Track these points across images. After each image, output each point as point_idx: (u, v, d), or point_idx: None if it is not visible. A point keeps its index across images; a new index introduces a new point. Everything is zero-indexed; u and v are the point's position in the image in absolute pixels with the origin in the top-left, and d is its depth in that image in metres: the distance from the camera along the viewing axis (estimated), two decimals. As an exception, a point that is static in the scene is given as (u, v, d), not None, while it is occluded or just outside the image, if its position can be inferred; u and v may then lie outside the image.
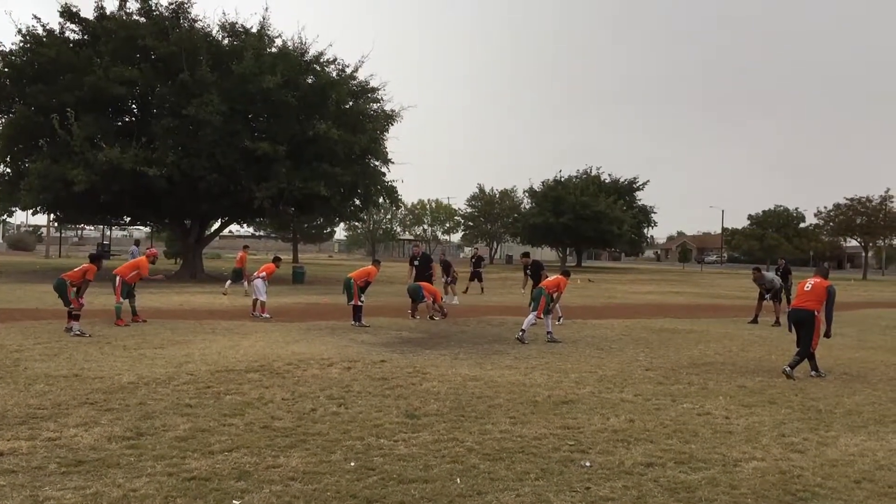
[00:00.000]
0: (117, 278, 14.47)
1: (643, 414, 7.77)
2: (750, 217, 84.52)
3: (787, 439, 6.89)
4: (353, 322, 15.33)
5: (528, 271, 19.46)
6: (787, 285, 24.47)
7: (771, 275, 19.71)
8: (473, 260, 30.44)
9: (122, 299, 14.45)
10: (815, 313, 10.47)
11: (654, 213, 78.11)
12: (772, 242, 76.36)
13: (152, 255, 16.46)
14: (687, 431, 7.06)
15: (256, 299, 17.11)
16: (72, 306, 13.01)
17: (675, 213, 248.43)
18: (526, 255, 19.44)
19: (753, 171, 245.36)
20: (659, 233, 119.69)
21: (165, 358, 10.51)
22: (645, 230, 79.77)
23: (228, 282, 24.49)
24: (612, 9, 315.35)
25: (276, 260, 18.63)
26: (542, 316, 13.69)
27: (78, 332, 12.61)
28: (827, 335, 10.75)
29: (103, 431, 6.43)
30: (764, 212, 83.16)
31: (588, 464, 5.90)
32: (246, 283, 18.87)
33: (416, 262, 19.97)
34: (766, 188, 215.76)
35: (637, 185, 76.75)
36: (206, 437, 6.37)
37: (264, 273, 17.09)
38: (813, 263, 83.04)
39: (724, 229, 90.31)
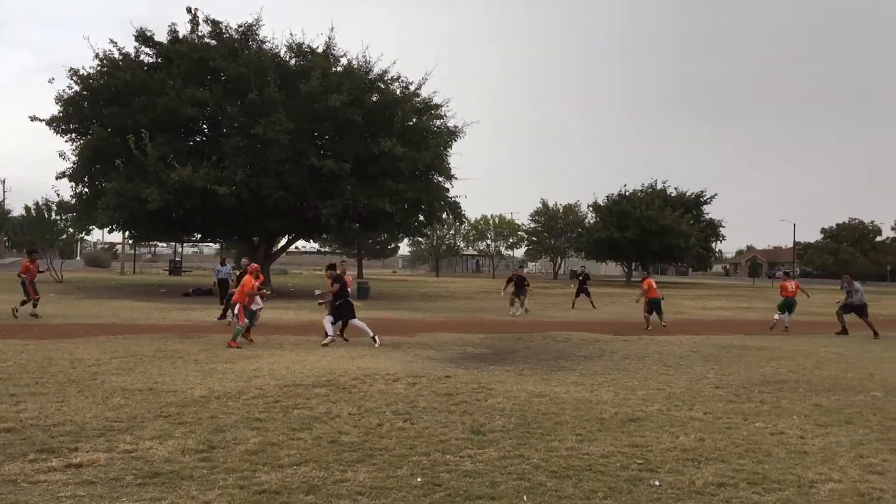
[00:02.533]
0: (237, 306, 14.55)
1: (714, 433, 7.60)
2: (823, 230, 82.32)
3: (865, 460, 6.65)
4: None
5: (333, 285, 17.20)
6: None
7: (859, 285, 19.43)
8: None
9: (245, 321, 14.58)
10: None
11: (723, 226, 76.31)
12: (846, 257, 74.08)
13: (255, 269, 15.92)
14: (760, 451, 6.88)
15: None
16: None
17: (745, 227, 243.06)
18: (331, 266, 17.22)
19: (827, 184, 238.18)
20: (727, 247, 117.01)
21: (235, 372, 10.74)
22: (713, 244, 78.04)
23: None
24: (681, 13, 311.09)
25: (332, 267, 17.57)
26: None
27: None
28: None
29: (177, 444, 6.59)
30: (838, 225, 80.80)
31: (657, 483, 5.79)
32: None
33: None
34: (840, 201, 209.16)
35: (704, 198, 75.15)
36: (275, 450, 6.48)
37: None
38: (891, 278, 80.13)
39: (796, 243, 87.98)
